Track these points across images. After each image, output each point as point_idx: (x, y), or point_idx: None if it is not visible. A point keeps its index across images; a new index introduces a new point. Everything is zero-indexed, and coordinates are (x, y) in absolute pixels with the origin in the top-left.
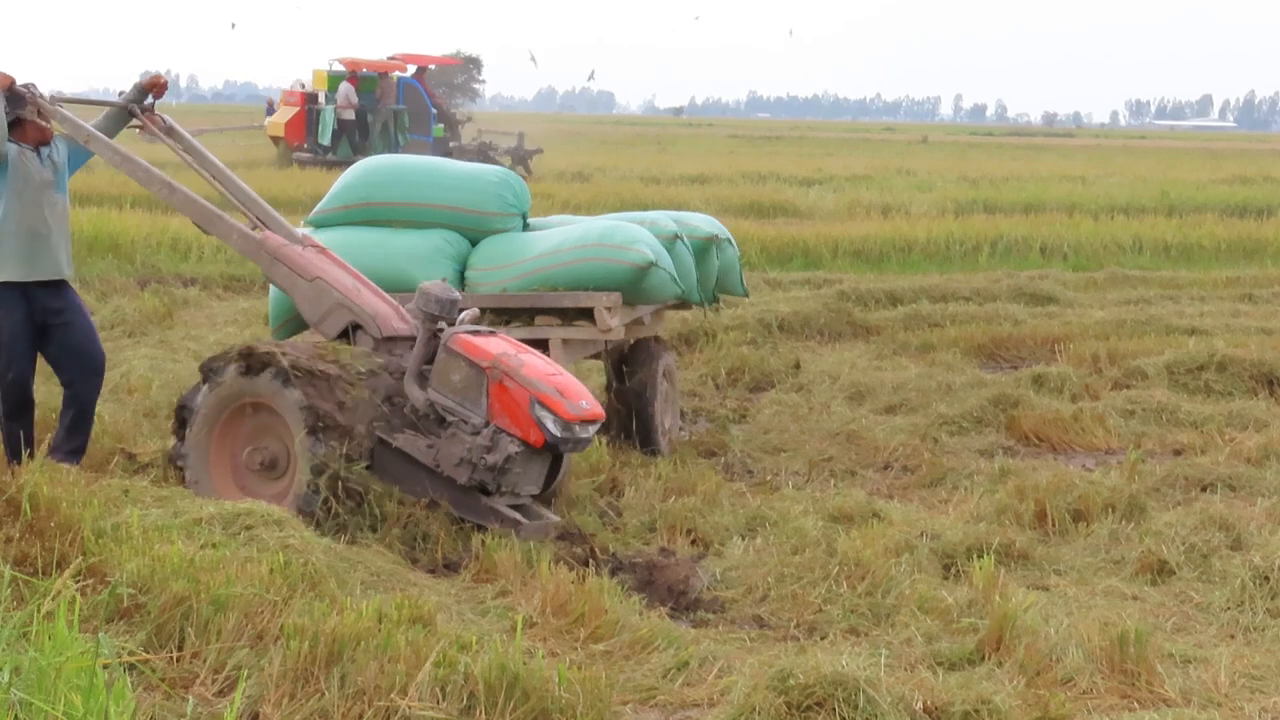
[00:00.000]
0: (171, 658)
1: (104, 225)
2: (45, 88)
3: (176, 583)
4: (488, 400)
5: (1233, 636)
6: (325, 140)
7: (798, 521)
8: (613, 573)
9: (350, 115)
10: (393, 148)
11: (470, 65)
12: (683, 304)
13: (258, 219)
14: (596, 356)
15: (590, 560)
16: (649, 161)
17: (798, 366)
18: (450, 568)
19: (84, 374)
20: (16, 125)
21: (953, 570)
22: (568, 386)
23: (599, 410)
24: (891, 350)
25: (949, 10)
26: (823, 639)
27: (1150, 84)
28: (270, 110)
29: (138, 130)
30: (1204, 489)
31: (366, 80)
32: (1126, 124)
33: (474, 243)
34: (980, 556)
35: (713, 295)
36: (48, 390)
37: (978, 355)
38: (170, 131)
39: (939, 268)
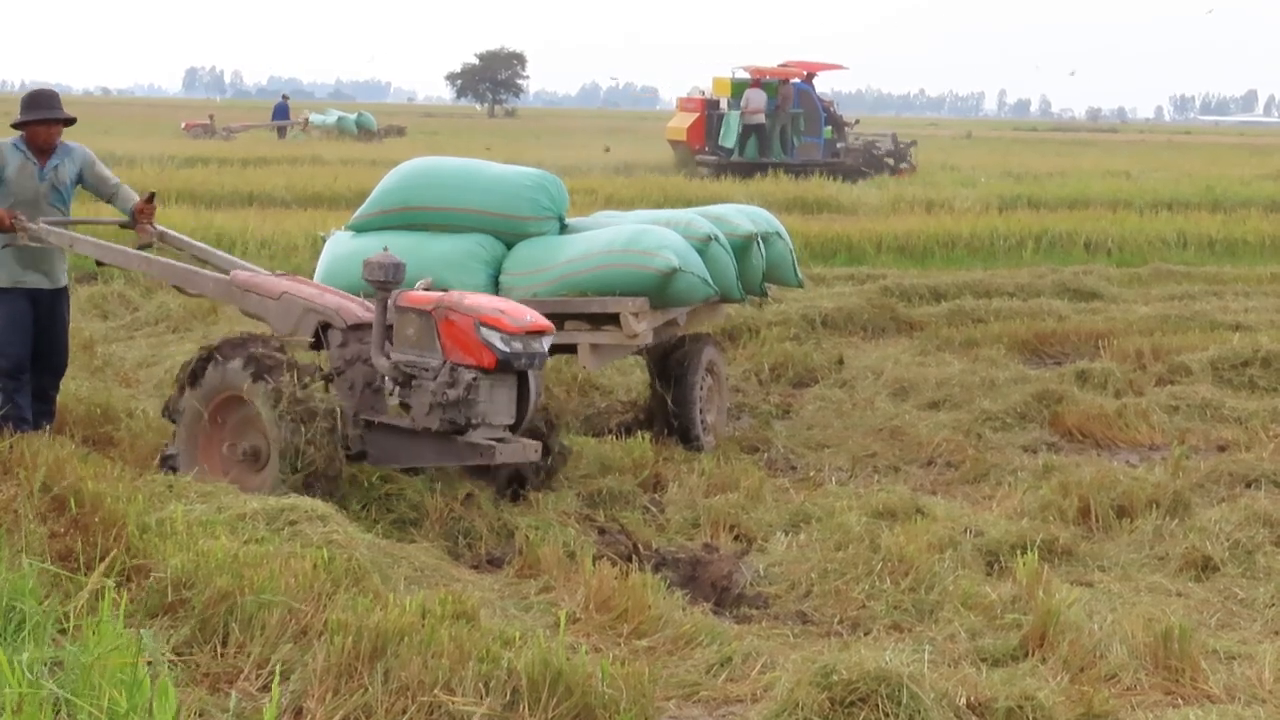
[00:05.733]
0: (215, 653)
1: None
2: (90, 84)
3: (220, 578)
4: (440, 340)
5: (1277, 633)
6: (729, 143)
7: (841, 517)
8: (656, 568)
9: (760, 120)
10: (789, 149)
11: (514, 60)
12: (727, 299)
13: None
14: (639, 352)
15: (633, 556)
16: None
17: (841, 362)
18: (494, 563)
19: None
20: (25, 125)
21: (996, 566)
22: (511, 306)
23: (544, 322)
24: (935, 346)
25: (993, 5)
26: (866, 635)
27: (1195, 79)
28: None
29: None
30: (1248, 485)
31: (768, 86)
32: (1171, 119)
33: (509, 246)
34: (1024, 552)
35: (761, 289)
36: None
37: (1022, 351)
38: (162, 236)
39: (983, 263)
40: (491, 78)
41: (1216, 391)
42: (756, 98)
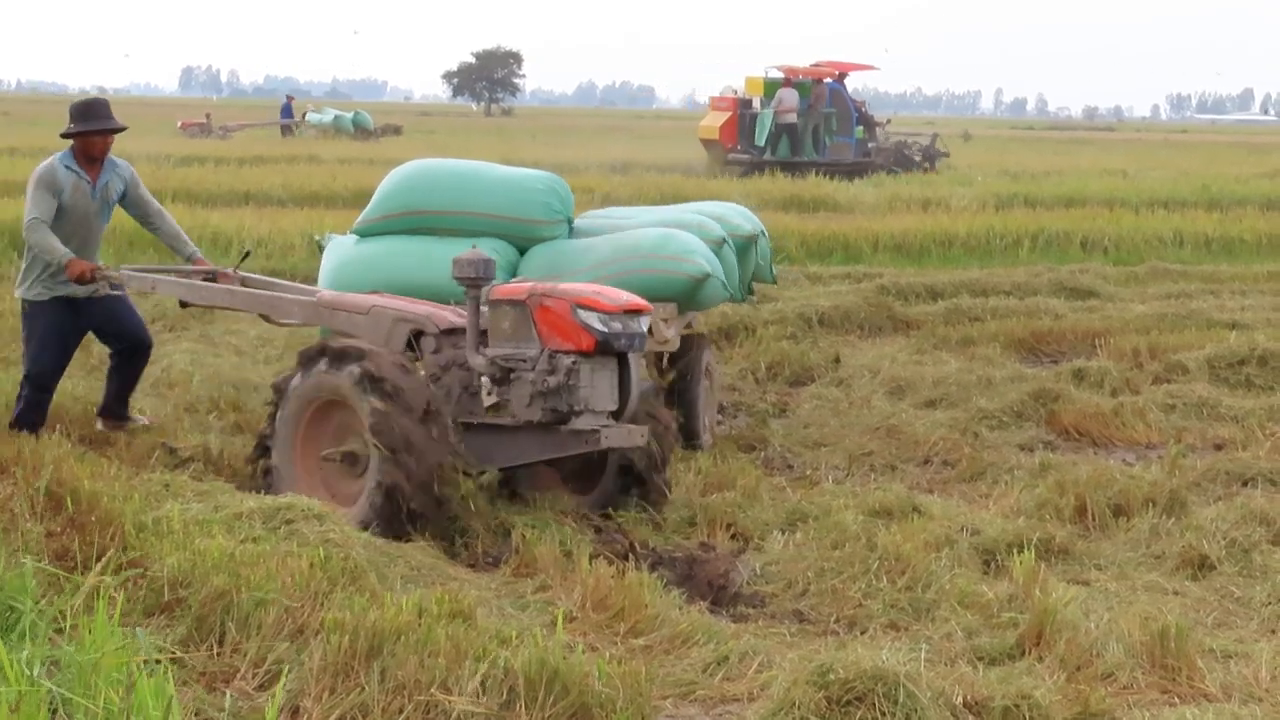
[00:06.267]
0: (212, 652)
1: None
2: (86, 83)
3: (217, 577)
4: (536, 328)
5: (1274, 631)
6: (762, 142)
7: (838, 516)
8: (652, 567)
9: (792, 119)
10: (820, 149)
11: (511, 59)
12: (733, 300)
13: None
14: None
15: (630, 555)
16: (690, 155)
17: (838, 361)
18: (491, 562)
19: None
20: (78, 137)
21: (993, 565)
22: (605, 287)
23: (642, 301)
24: (932, 345)
25: (989, 4)
26: (863, 634)
27: (1191, 78)
28: (288, 109)
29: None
30: (1245, 484)
31: (801, 86)
32: (1167, 118)
33: (521, 250)
34: (1020, 551)
35: (749, 288)
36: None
37: (1018, 349)
38: (245, 282)
39: (979, 262)
40: (488, 76)
41: (1213, 390)
42: (789, 97)
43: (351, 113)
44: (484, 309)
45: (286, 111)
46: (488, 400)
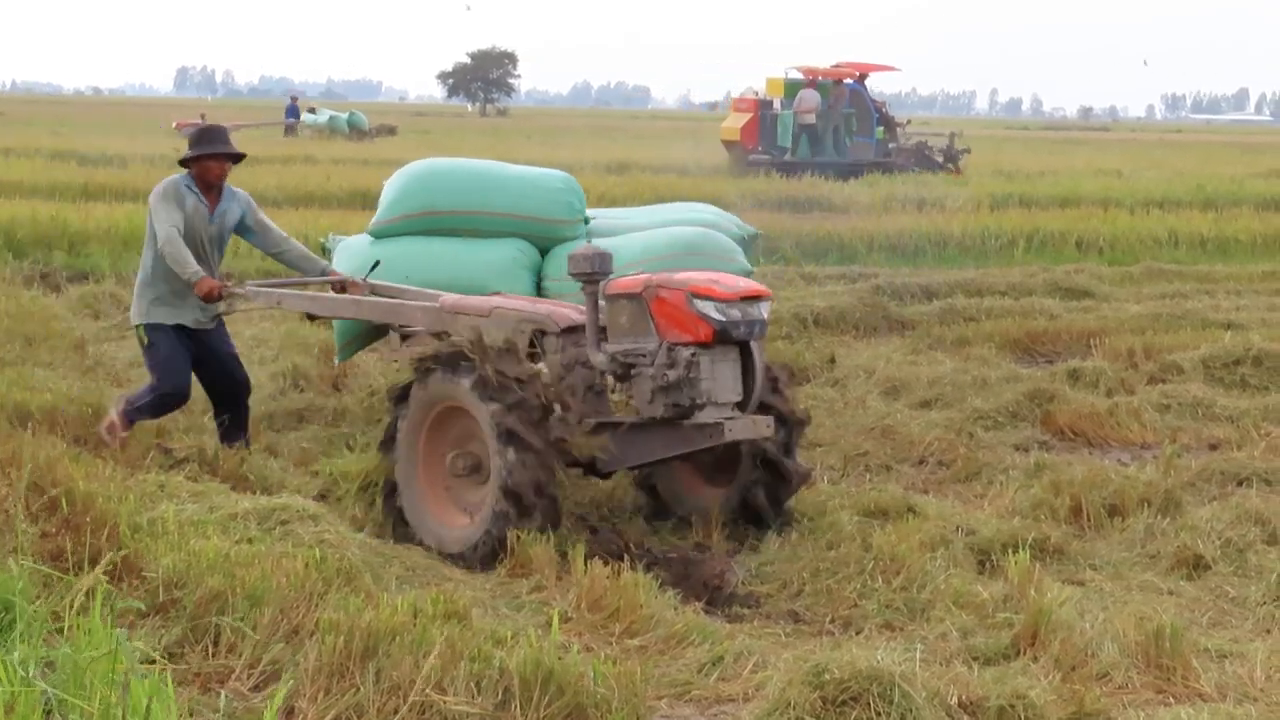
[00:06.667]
0: (207, 653)
1: (140, 220)
2: (81, 84)
3: (212, 578)
4: (653, 322)
5: (1268, 631)
6: (785, 143)
7: (833, 516)
8: (647, 568)
9: (812, 120)
10: (841, 149)
11: (506, 60)
12: None
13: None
14: None
15: (625, 555)
16: (683, 156)
17: (833, 361)
18: (485, 562)
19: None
20: (196, 160)
21: (988, 565)
22: (721, 275)
23: (760, 286)
24: (927, 345)
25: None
26: (858, 634)
27: (1186, 78)
28: (293, 110)
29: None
30: (1240, 483)
31: (821, 87)
32: (1162, 118)
33: (542, 251)
34: (1015, 551)
35: None
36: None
37: (1013, 350)
38: (374, 290)
39: (974, 262)
40: (483, 77)
41: (1208, 390)
42: (810, 98)
43: (346, 113)
44: (602, 304)
45: (292, 112)
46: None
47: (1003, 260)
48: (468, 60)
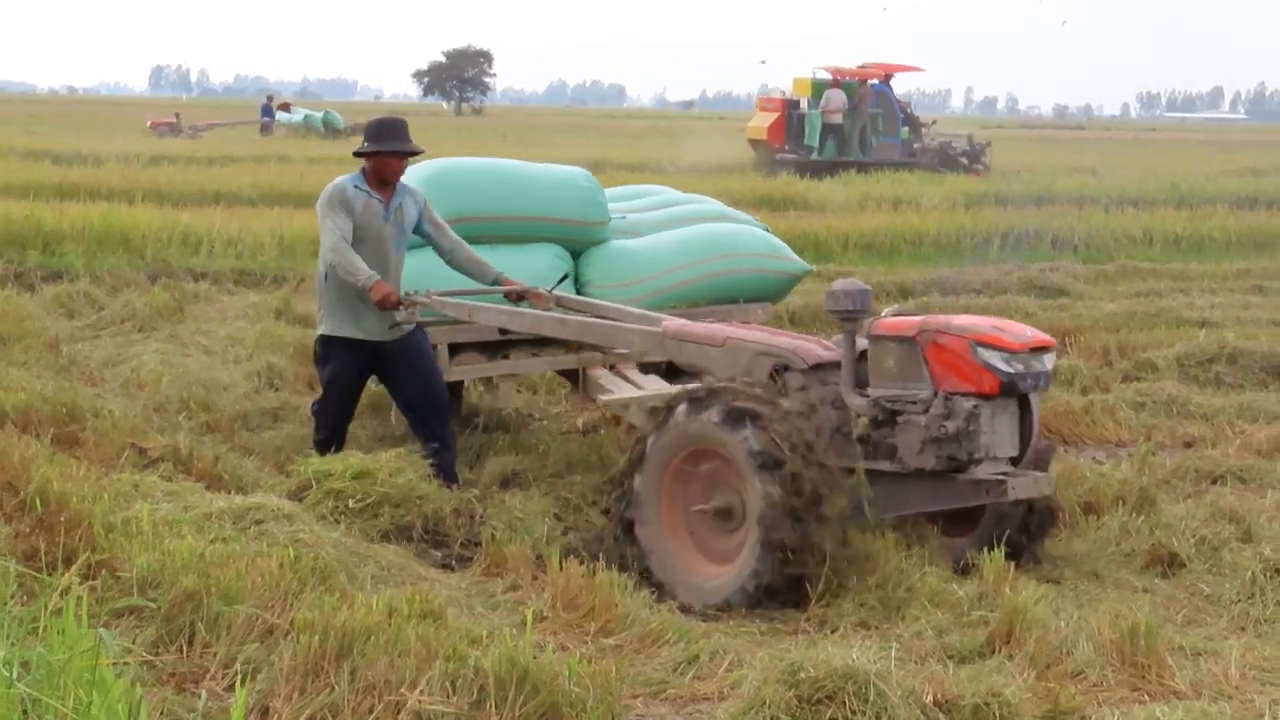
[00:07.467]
0: (181, 653)
1: (114, 220)
2: (56, 83)
3: (187, 577)
4: (928, 368)
5: (1243, 629)
6: (812, 142)
7: None
8: (622, 567)
9: (839, 119)
10: (866, 149)
11: (481, 58)
12: None
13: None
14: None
15: (601, 554)
16: (660, 154)
17: None
18: (461, 562)
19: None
20: (372, 156)
21: (963, 563)
22: (1005, 322)
23: (1047, 337)
24: None
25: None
26: (833, 632)
27: (1161, 76)
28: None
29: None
30: (1214, 481)
31: (847, 87)
32: (1137, 116)
33: (573, 253)
34: (990, 549)
35: None
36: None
37: None
38: (560, 302)
39: (950, 260)
40: (459, 76)
41: (1183, 388)
42: (836, 98)
43: (321, 112)
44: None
45: (268, 112)
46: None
47: (978, 258)
48: (443, 59)
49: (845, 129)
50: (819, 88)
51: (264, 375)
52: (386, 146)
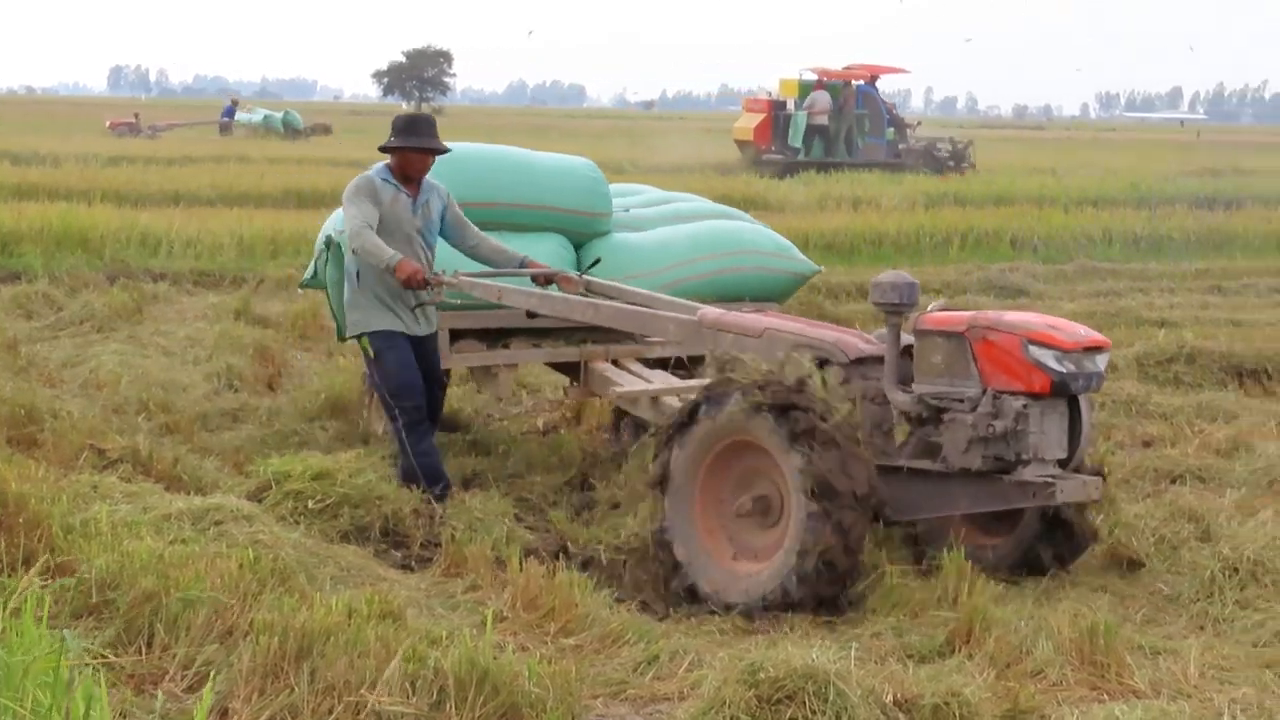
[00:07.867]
0: (141, 654)
1: (73, 220)
2: (14, 83)
3: (145, 579)
4: (976, 365)
5: (1202, 628)
6: (797, 143)
7: None
8: (583, 567)
9: (824, 120)
10: (852, 150)
11: (441, 59)
12: None
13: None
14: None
15: (561, 554)
16: (621, 154)
17: None
18: (421, 562)
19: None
20: (397, 152)
21: (923, 563)
22: (1058, 320)
23: (1101, 337)
24: None
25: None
26: (793, 632)
27: (1120, 76)
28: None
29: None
30: (1173, 481)
31: (832, 88)
32: (1096, 116)
33: (575, 244)
34: (951, 549)
35: None
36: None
37: None
38: (589, 286)
39: (910, 260)
40: (418, 76)
41: (1141, 387)
42: (821, 99)
43: (281, 112)
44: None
45: (229, 113)
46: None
47: (938, 258)
48: (403, 59)
49: (831, 130)
50: (805, 89)
51: (223, 376)
52: (413, 143)
